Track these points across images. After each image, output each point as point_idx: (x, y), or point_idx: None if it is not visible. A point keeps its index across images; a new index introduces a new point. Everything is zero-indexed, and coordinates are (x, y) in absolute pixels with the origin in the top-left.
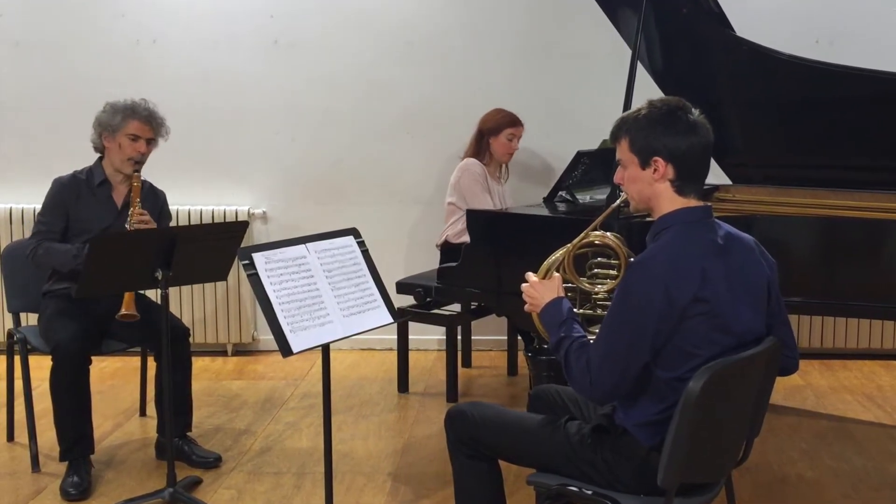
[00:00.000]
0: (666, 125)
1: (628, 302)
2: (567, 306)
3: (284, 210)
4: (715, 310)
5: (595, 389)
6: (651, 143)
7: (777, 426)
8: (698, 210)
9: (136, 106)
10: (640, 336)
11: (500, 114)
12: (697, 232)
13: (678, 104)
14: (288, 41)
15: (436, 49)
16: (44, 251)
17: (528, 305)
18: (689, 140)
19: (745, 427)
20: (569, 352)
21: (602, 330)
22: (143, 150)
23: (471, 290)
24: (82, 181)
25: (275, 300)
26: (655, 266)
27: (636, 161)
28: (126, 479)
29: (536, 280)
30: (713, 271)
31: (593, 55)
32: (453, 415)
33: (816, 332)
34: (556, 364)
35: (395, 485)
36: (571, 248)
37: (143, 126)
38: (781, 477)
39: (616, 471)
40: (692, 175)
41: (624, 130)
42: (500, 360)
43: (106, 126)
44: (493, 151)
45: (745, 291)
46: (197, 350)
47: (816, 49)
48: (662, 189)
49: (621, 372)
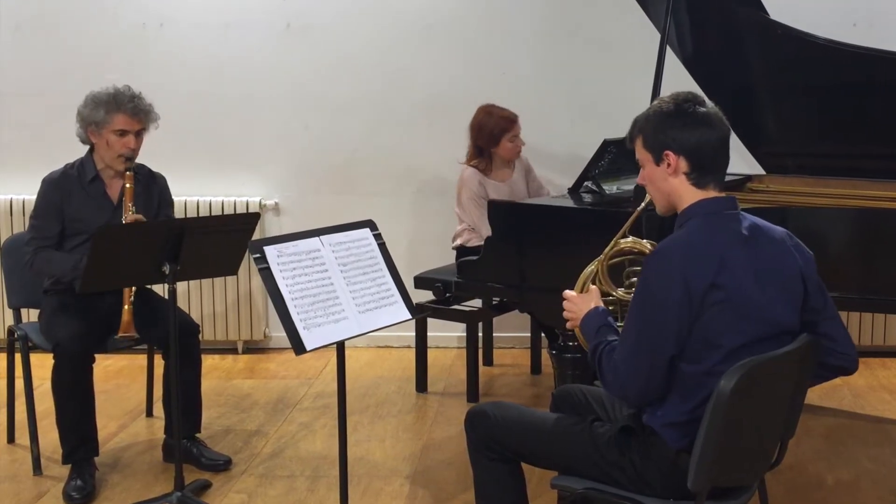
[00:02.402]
0: (674, 119)
1: (647, 294)
2: (602, 313)
3: (297, 201)
4: (734, 298)
5: (627, 390)
6: (660, 137)
7: (813, 427)
8: (720, 200)
9: (119, 97)
10: (662, 328)
11: (490, 118)
12: (719, 222)
13: (687, 97)
14: (301, 25)
15: (456, 33)
16: (42, 261)
17: (569, 322)
18: (700, 132)
19: (779, 428)
20: (601, 357)
21: (624, 329)
22: (133, 144)
23: (492, 285)
24: (74, 178)
25: (287, 295)
26: (671, 255)
27: (651, 158)
28: (132, 483)
29: (574, 294)
30: (733, 259)
31: (621, 39)
32: (474, 415)
33: (854, 329)
34: (582, 363)
35: (414, 489)
36: (604, 259)
37: (129, 120)
38: (817, 480)
39: (644, 474)
40: (708, 167)
41: (637, 129)
42: (522, 359)
43: (90, 121)
44: (495, 156)
45: (775, 282)
46: (206, 348)
47: (854, 32)
48: (678, 183)
49: (648, 368)
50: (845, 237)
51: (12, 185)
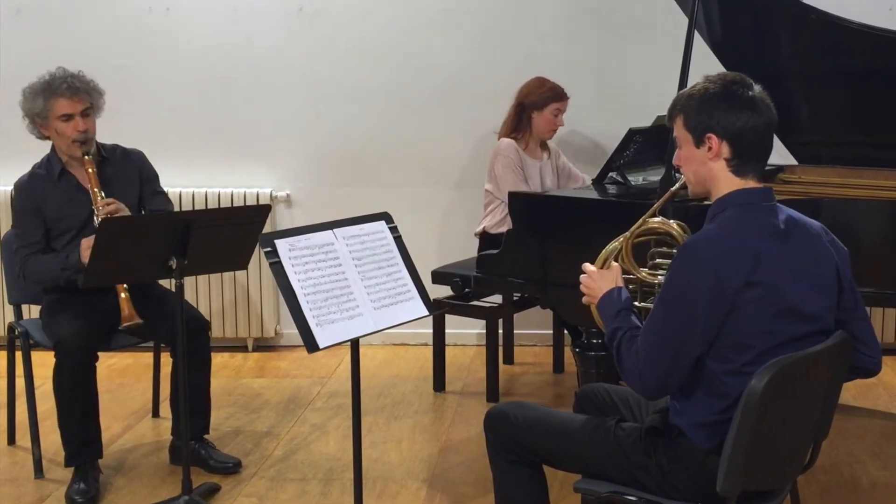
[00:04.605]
0: (720, 100)
1: (676, 287)
2: (624, 296)
3: (310, 193)
4: (772, 296)
5: (644, 382)
6: (704, 119)
7: (846, 428)
8: (757, 192)
9: (52, 81)
10: (688, 323)
11: (544, 85)
12: (755, 215)
13: (735, 79)
14: (313, 8)
15: (475, 16)
16: (31, 269)
17: (585, 297)
18: (746, 117)
19: (812, 429)
20: (621, 343)
21: (649, 318)
22: (82, 126)
23: (513, 280)
24: (43, 177)
25: (299, 291)
26: (704, 248)
27: (690, 139)
28: (137, 486)
29: (594, 270)
30: (769, 254)
31: (647, 24)
32: (493, 416)
33: (890, 326)
34: (606, 361)
35: (431, 492)
36: (630, 237)
37: (69, 102)
38: (852, 482)
39: (671, 477)
40: (750, 154)
41: (678, 108)
42: (544, 357)
43: (32, 114)
44: (534, 127)
45: (811, 279)
46: (215, 345)
47: (890, 17)
48: (718, 169)
49: (670, 362)
50: (881, 230)
51: (13, 176)
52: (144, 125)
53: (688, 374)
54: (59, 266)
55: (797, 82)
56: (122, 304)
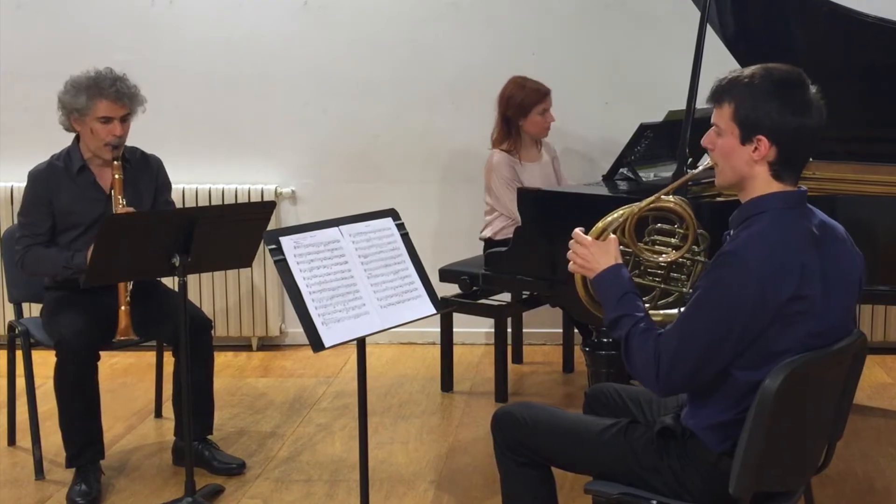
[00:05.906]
0: (777, 99)
1: (716, 297)
2: (626, 275)
3: (315, 189)
4: (811, 309)
5: (661, 385)
6: (760, 116)
7: (862, 429)
8: (795, 195)
9: (100, 80)
10: (723, 336)
11: (522, 90)
12: (793, 220)
13: (797, 77)
14: (319, 2)
15: (483, 10)
16: (31, 260)
17: (573, 265)
18: (800, 121)
19: (827, 430)
20: (630, 335)
21: (680, 323)
22: (119, 132)
23: (522, 278)
24: (61, 169)
25: (305, 289)
26: (752, 260)
27: (737, 133)
28: (139, 488)
29: (590, 241)
30: (811, 266)
31: (658, 17)
32: (501, 417)
33: None
34: (617, 360)
35: (438, 493)
36: (637, 211)
37: (112, 105)
38: (867, 485)
39: (683, 478)
40: (794, 160)
41: (731, 95)
42: (554, 356)
43: (71, 109)
44: (524, 132)
45: (839, 287)
46: (218, 344)
47: None
48: (759, 171)
49: (695, 371)
50: None
51: (13, 172)
52: (147, 121)
53: (709, 380)
54: (62, 263)
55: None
56: (120, 315)
